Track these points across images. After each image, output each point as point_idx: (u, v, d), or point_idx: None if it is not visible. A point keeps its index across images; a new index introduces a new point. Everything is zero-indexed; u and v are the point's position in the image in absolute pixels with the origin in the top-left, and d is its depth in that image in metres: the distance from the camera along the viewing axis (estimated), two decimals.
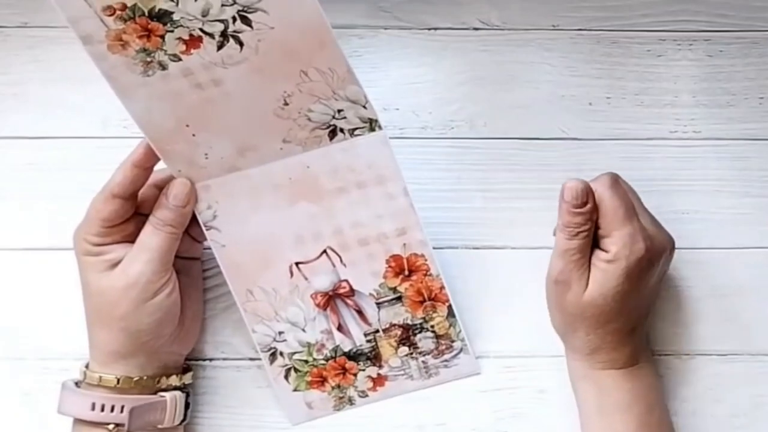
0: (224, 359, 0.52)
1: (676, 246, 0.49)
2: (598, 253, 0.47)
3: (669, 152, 0.55)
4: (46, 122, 0.54)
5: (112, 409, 0.45)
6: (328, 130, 0.45)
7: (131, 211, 0.46)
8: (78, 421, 0.45)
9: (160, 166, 0.46)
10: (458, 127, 0.55)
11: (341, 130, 0.45)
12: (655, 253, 0.47)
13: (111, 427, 0.45)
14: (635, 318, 0.48)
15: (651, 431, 0.47)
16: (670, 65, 0.56)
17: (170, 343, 0.48)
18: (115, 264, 0.45)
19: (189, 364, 0.52)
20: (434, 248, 0.50)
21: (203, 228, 0.47)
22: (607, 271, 0.46)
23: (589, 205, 0.46)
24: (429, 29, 0.56)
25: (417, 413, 0.52)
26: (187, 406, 0.49)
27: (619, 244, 0.45)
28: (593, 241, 0.47)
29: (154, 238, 0.45)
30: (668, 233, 0.49)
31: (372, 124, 0.45)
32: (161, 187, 0.46)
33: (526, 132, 0.55)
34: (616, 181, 0.47)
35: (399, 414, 0.52)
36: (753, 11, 0.56)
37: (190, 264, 0.50)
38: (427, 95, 0.55)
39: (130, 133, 0.53)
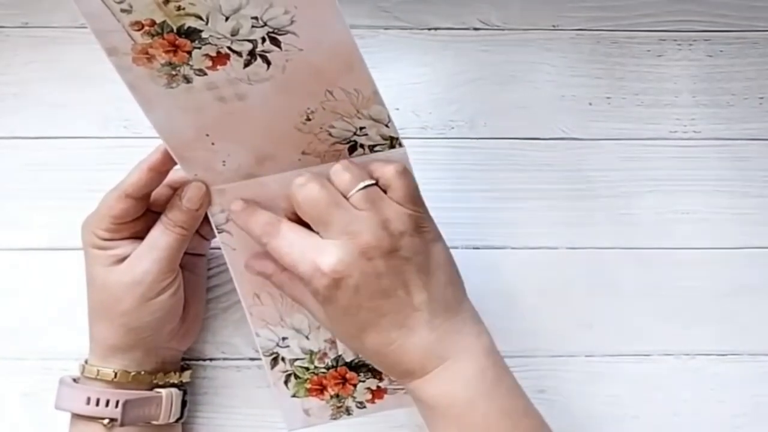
0: (224, 359, 0.52)
1: (677, 246, 0.49)
2: None
3: (669, 152, 0.55)
4: (46, 122, 0.54)
5: (107, 404, 0.44)
6: (348, 145, 0.45)
7: (142, 210, 0.46)
8: (75, 417, 0.45)
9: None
10: (458, 127, 0.55)
11: (361, 146, 0.45)
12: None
13: (106, 422, 0.44)
14: (382, 336, 0.41)
15: (477, 429, 0.42)
16: (670, 65, 0.56)
17: (169, 340, 0.48)
18: (122, 259, 0.45)
19: (188, 363, 0.52)
20: None
21: (215, 230, 0.46)
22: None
23: None
24: (429, 29, 0.56)
25: (417, 413, 0.52)
26: (184, 404, 0.49)
27: None
28: None
29: (163, 237, 0.45)
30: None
31: (392, 142, 0.45)
32: (175, 187, 0.46)
33: (526, 132, 0.55)
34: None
35: (399, 414, 0.52)
36: (753, 11, 0.56)
37: (196, 260, 0.50)
38: (427, 95, 0.55)
39: (130, 133, 0.53)
